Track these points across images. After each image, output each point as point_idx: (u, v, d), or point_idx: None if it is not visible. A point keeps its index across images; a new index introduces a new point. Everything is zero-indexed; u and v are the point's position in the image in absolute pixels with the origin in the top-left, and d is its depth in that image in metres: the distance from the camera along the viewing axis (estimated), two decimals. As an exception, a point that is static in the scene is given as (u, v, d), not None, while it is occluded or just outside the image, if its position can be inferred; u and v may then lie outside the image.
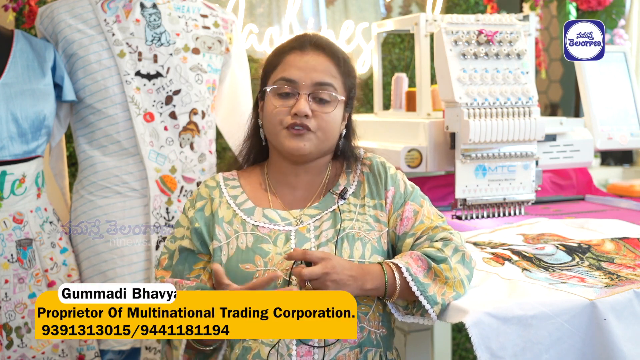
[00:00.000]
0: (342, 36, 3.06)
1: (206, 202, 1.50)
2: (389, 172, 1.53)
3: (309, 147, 1.45)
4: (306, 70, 1.45)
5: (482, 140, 1.93)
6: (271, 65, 1.51)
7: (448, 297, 1.39)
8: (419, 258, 1.40)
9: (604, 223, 1.92)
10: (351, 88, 1.52)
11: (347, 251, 1.42)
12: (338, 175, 1.54)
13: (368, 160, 1.55)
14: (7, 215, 1.97)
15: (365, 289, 1.37)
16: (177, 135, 2.17)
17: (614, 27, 3.09)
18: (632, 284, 1.45)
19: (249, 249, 1.42)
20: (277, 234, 1.44)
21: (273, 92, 1.47)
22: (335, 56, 1.49)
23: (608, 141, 2.35)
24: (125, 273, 2.11)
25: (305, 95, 1.44)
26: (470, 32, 1.98)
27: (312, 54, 1.47)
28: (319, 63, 1.46)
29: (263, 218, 1.47)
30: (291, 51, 1.48)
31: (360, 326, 1.41)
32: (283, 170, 1.52)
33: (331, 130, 1.47)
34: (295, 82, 1.45)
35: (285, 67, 1.47)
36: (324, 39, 1.52)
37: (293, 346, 1.37)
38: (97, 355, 2.10)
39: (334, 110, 1.46)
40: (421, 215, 1.49)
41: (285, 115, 1.44)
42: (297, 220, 1.47)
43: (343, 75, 1.49)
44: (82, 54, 2.09)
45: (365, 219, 1.47)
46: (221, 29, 2.29)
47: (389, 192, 1.51)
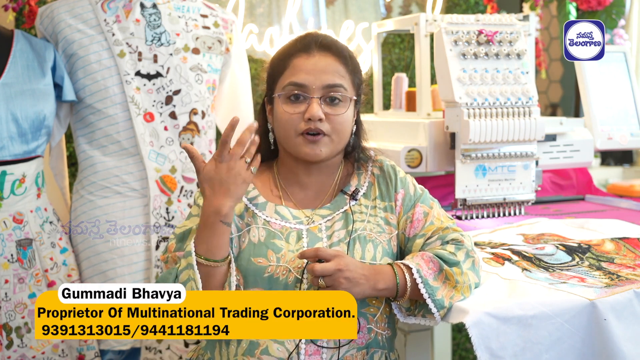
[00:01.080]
0: (342, 36, 3.06)
1: None
2: (399, 175, 1.53)
3: (325, 152, 1.44)
4: (315, 73, 1.43)
5: (482, 140, 1.93)
6: (278, 69, 1.48)
7: (455, 300, 1.39)
8: (430, 260, 1.40)
9: (604, 223, 1.92)
10: (359, 85, 1.51)
11: (358, 252, 1.42)
12: (349, 175, 1.54)
13: (379, 162, 1.55)
14: (7, 215, 1.97)
15: (377, 289, 1.36)
16: (177, 135, 2.17)
17: (614, 27, 3.08)
18: (632, 284, 1.45)
19: (261, 243, 1.42)
20: (289, 231, 1.44)
21: (283, 98, 1.45)
22: (342, 55, 1.47)
23: (608, 141, 2.35)
24: (125, 273, 2.11)
25: (317, 99, 1.42)
26: (470, 32, 1.98)
27: (319, 56, 1.45)
28: (327, 64, 1.45)
29: (275, 214, 1.46)
30: (297, 54, 1.46)
31: (368, 327, 1.41)
32: (294, 170, 1.51)
33: (345, 131, 1.47)
34: (305, 86, 1.43)
35: (293, 71, 1.45)
36: (329, 38, 1.50)
37: (302, 344, 1.36)
38: (97, 355, 2.10)
39: (347, 111, 1.45)
40: (431, 216, 1.49)
41: (299, 121, 1.43)
42: (308, 219, 1.46)
43: (351, 73, 1.48)
44: (82, 54, 2.09)
45: (377, 220, 1.47)
46: (221, 29, 2.29)
47: (399, 194, 1.50)
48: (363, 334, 1.41)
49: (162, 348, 2.14)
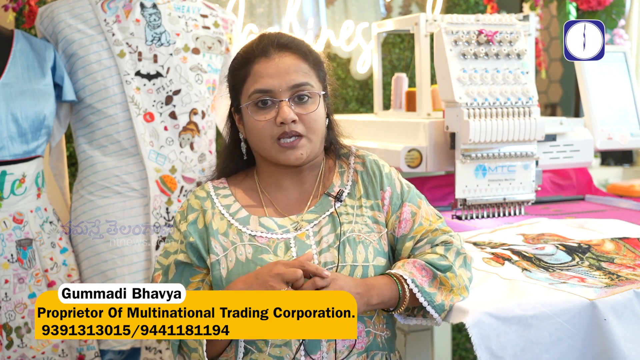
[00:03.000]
0: (342, 36, 3.06)
1: (198, 214, 1.44)
2: (384, 171, 1.49)
3: (305, 155, 1.41)
4: (279, 76, 1.39)
5: (482, 140, 1.93)
6: (239, 78, 1.44)
7: (454, 302, 1.39)
8: (422, 268, 1.38)
9: (604, 223, 1.92)
10: (324, 77, 1.48)
11: (350, 256, 1.39)
12: (331, 171, 1.51)
13: (361, 158, 1.51)
14: (7, 215, 1.97)
15: (371, 304, 1.35)
16: (177, 135, 2.17)
17: (614, 27, 3.08)
18: (632, 284, 1.45)
19: (249, 261, 1.38)
20: (277, 243, 1.40)
21: (252, 107, 1.41)
22: (301, 52, 1.44)
23: (608, 141, 2.35)
24: (125, 273, 2.11)
25: (286, 101, 1.39)
26: (470, 32, 1.98)
27: (278, 57, 1.41)
28: (289, 64, 1.41)
29: (260, 227, 1.43)
30: (256, 59, 1.42)
31: (366, 330, 1.40)
32: (276, 175, 1.48)
33: (320, 128, 1.44)
34: (271, 91, 1.39)
35: (256, 77, 1.40)
36: (285, 36, 1.46)
37: (302, 357, 1.35)
38: (97, 355, 2.10)
39: (318, 108, 1.42)
40: (419, 216, 1.47)
41: (272, 127, 1.39)
42: (295, 225, 1.43)
43: (314, 68, 1.44)
44: (82, 54, 2.09)
45: (364, 220, 1.44)
46: (221, 29, 2.29)
47: (386, 192, 1.47)
48: (362, 338, 1.39)
49: (162, 348, 2.14)
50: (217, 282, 1.40)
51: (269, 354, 1.35)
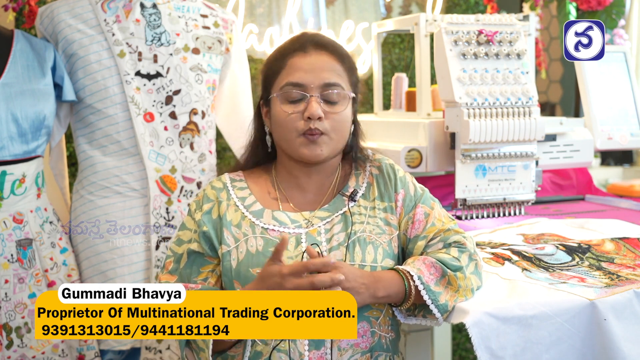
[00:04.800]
0: (342, 36, 3.06)
1: (213, 204, 1.47)
2: (398, 174, 1.52)
3: (325, 152, 1.43)
4: (313, 72, 1.42)
5: (482, 140, 1.93)
6: (274, 70, 1.47)
7: (458, 302, 1.39)
8: (432, 265, 1.39)
9: (604, 223, 1.92)
10: (356, 83, 1.50)
11: (359, 255, 1.40)
12: (347, 176, 1.53)
13: (377, 162, 1.54)
14: (7, 215, 1.97)
15: (377, 297, 1.35)
16: (177, 135, 2.17)
17: (614, 27, 3.08)
18: (632, 284, 1.45)
19: (259, 253, 1.40)
20: (288, 237, 1.41)
21: (281, 98, 1.43)
22: (338, 54, 1.47)
23: (608, 141, 2.35)
24: (125, 273, 2.11)
25: (316, 97, 1.41)
26: (470, 32, 1.98)
27: (315, 55, 1.44)
28: (324, 63, 1.44)
29: (273, 221, 1.44)
30: (293, 53, 1.45)
31: (371, 331, 1.40)
32: (294, 172, 1.50)
33: (344, 129, 1.46)
34: (303, 85, 1.42)
35: (290, 70, 1.43)
36: (324, 37, 1.50)
37: (305, 352, 1.36)
38: (97, 355, 2.10)
39: (345, 109, 1.44)
40: (432, 217, 1.48)
41: (298, 120, 1.41)
42: (307, 222, 1.45)
43: (348, 71, 1.47)
44: (82, 54, 2.09)
45: (376, 221, 1.46)
46: (221, 29, 2.29)
47: (399, 195, 1.49)
48: (366, 338, 1.39)
49: (162, 348, 2.14)
50: (226, 273, 1.41)
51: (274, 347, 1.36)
